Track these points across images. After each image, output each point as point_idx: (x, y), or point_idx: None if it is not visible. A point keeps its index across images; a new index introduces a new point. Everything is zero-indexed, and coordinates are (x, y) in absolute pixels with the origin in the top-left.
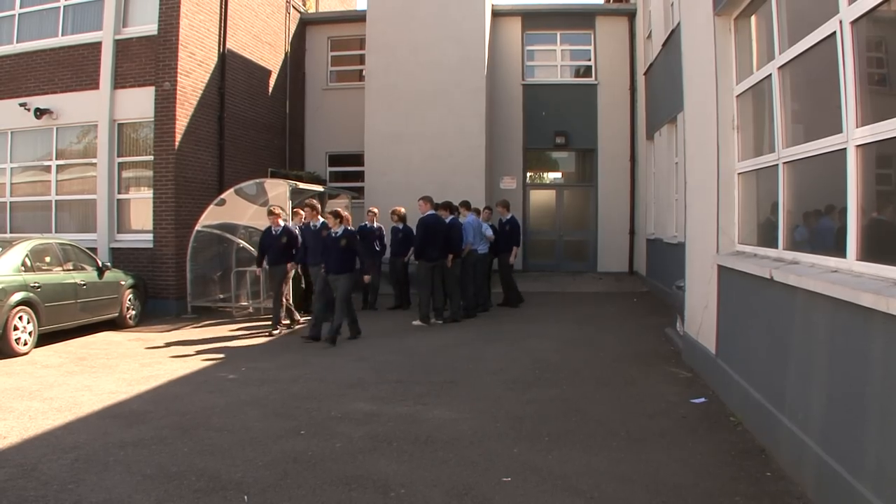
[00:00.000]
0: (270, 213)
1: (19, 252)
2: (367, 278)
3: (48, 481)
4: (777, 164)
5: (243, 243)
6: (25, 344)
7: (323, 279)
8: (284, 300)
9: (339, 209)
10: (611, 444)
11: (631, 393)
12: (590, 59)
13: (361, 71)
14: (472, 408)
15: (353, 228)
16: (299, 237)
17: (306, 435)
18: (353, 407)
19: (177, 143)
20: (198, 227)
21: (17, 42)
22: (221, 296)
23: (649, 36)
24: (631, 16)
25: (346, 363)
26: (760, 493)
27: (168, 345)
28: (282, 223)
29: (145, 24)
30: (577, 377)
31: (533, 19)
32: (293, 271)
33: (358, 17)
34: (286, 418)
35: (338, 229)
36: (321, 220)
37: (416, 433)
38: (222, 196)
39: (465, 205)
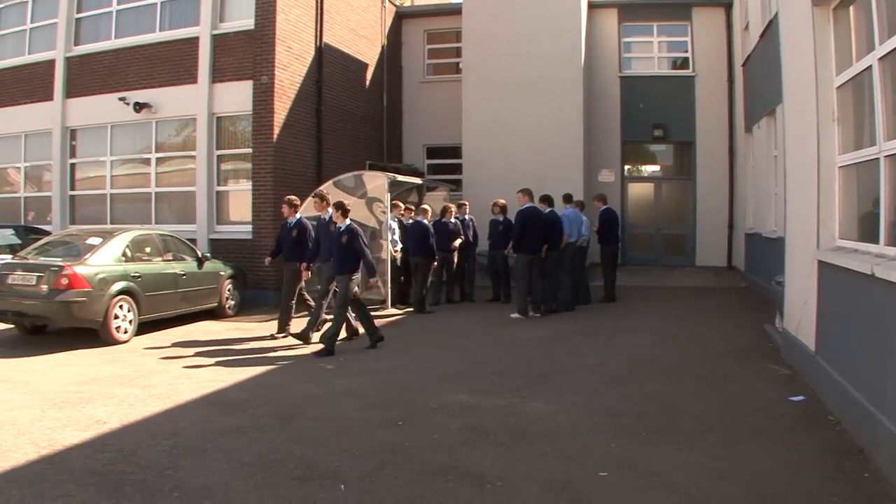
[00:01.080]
0: (284, 202)
1: (120, 242)
2: (372, 281)
3: (147, 466)
4: (878, 158)
5: None
6: (125, 332)
7: (326, 279)
8: (312, 302)
9: (343, 201)
10: (708, 441)
11: (729, 389)
12: (687, 51)
13: (458, 64)
14: (569, 401)
15: (355, 224)
16: (311, 231)
17: (404, 425)
18: (451, 398)
19: (275, 136)
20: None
21: (116, 38)
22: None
23: (746, 27)
24: (728, 6)
25: (446, 355)
26: (858, 495)
27: (266, 334)
28: (298, 215)
29: (242, 19)
30: (674, 372)
31: (629, 11)
32: (306, 272)
33: (454, 10)
34: (384, 408)
35: (341, 224)
36: (330, 212)
37: (513, 426)
38: (320, 188)
39: (567, 198)
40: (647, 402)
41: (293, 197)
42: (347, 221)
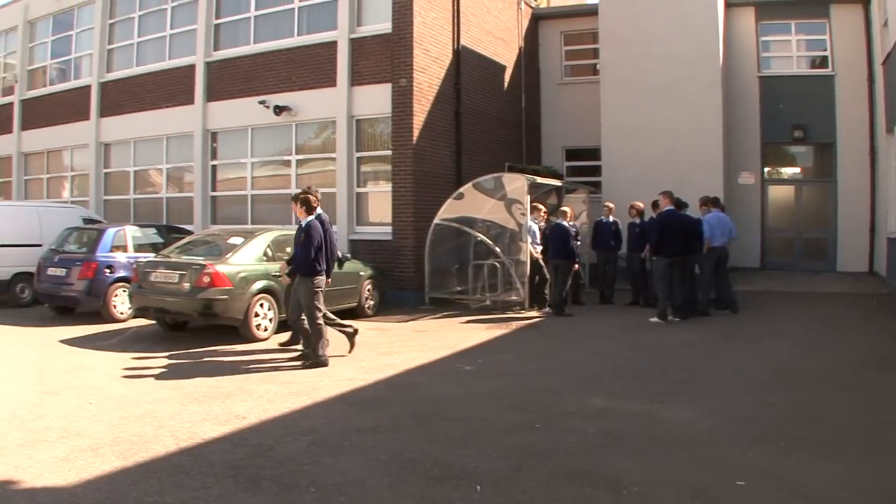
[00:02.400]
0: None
1: (261, 242)
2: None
3: (284, 461)
4: None
5: (481, 237)
6: (265, 330)
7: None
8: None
9: (310, 194)
10: (847, 452)
11: (870, 399)
12: (825, 49)
13: (595, 65)
14: (707, 408)
15: (315, 220)
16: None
17: (541, 428)
18: (589, 402)
19: (415, 138)
20: (436, 221)
21: (255, 43)
22: (458, 288)
23: (885, 24)
24: (866, 2)
25: (585, 358)
26: None
27: (405, 335)
28: (316, 214)
29: (379, 23)
30: (814, 380)
31: (766, 9)
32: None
33: (590, 11)
34: (522, 411)
35: (303, 220)
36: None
37: (650, 431)
38: (461, 190)
39: (713, 201)
40: (785, 410)
41: (308, 191)
42: (310, 217)
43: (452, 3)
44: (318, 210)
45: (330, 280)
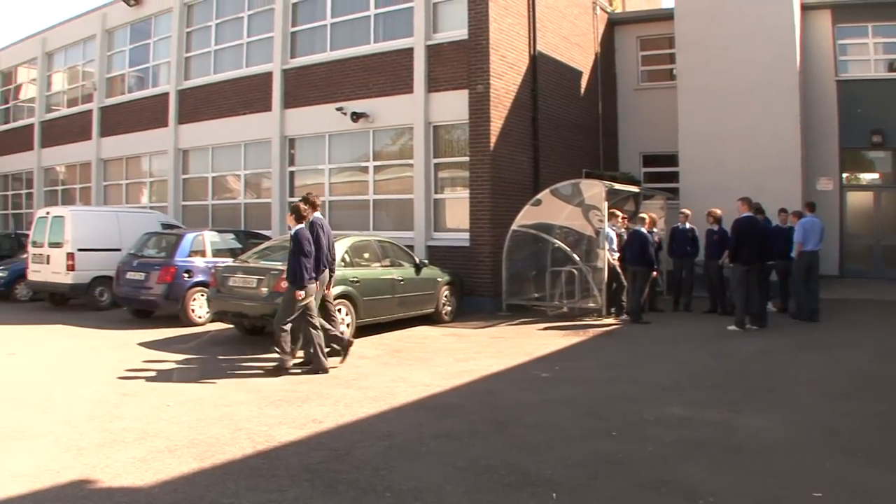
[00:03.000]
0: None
1: (339, 248)
2: (327, 292)
3: (360, 466)
4: None
5: (558, 243)
6: (343, 335)
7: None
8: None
9: (305, 202)
10: None
11: None
12: None
13: (672, 70)
14: (785, 417)
15: (303, 228)
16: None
17: (618, 436)
18: (666, 411)
19: (492, 145)
20: (514, 227)
21: (331, 50)
22: (536, 295)
23: None
24: None
25: (663, 366)
26: None
27: (482, 341)
28: (312, 219)
29: (454, 30)
30: (894, 390)
31: (843, 11)
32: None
33: (666, 16)
34: (598, 418)
35: (293, 228)
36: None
37: (727, 440)
38: (538, 196)
39: (808, 206)
40: (865, 421)
41: (312, 194)
42: (298, 226)
43: (528, 8)
44: (316, 214)
45: (316, 286)
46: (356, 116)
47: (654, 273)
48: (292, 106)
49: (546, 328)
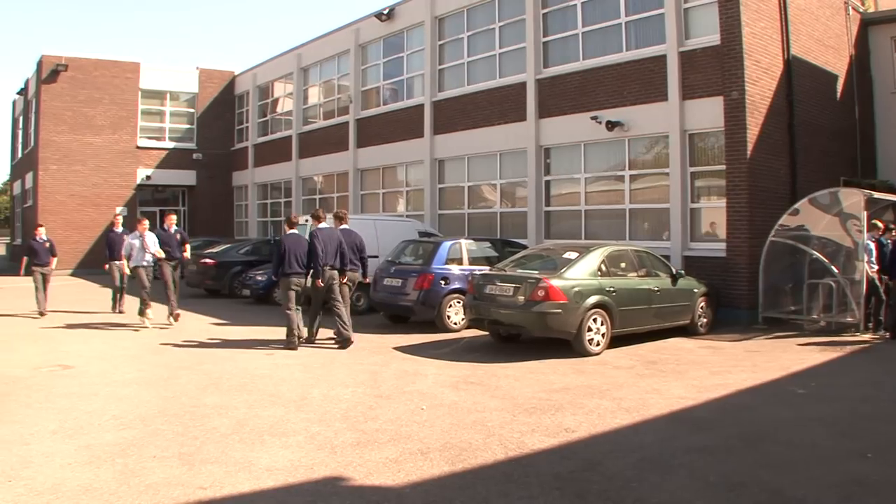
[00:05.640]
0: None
1: (596, 257)
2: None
3: (611, 477)
4: None
5: (816, 254)
6: (598, 345)
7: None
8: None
9: (311, 215)
10: None
11: None
12: None
13: None
14: None
15: (287, 235)
16: (315, 243)
17: (873, 459)
18: None
19: (749, 153)
20: (771, 237)
21: (584, 59)
22: (793, 307)
23: None
24: None
25: None
26: None
27: (737, 354)
28: (314, 228)
29: (706, 35)
30: None
31: None
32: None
33: None
34: (852, 438)
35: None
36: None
37: None
38: (796, 206)
39: None
40: None
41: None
42: (290, 231)
43: (780, 11)
44: (322, 224)
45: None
46: (611, 125)
47: None
48: (546, 115)
49: (802, 343)
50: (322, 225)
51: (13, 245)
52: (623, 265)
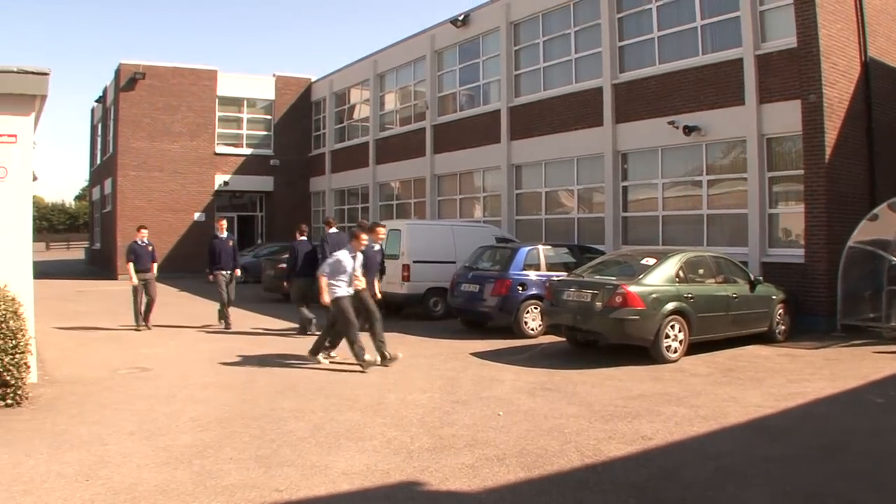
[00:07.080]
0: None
1: (673, 263)
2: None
3: (687, 486)
4: None
5: (895, 260)
6: (675, 352)
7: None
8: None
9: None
10: None
11: None
12: None
13: None
14: None
15: (296, 242)
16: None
17: None
18: None
19: (827, 157)
20: (850, 243)
21: (660, 63)
22: (871, 315)
23: None
24: None
25: None
26: None
27: (816, 362)
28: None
29: (783, 38)
30: None
31: None
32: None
33: None
34: None
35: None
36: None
37: None
38: (875, 211)
39: None
40: None
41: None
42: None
43: (856, 13)
44: (331, 230)
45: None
46: (688, 130)
47: None
48: (623, 120)
49: (880, 351)
50: (332, 230)
51: (92, 249)
52: (701, 271)
